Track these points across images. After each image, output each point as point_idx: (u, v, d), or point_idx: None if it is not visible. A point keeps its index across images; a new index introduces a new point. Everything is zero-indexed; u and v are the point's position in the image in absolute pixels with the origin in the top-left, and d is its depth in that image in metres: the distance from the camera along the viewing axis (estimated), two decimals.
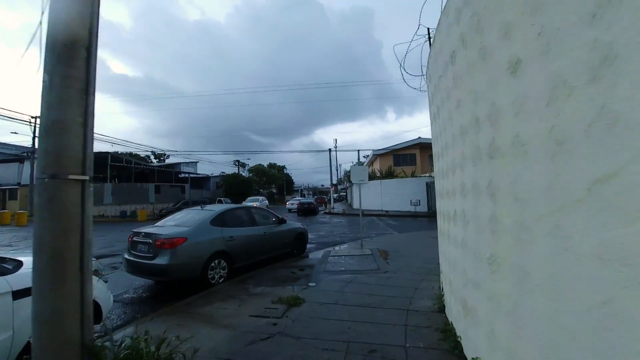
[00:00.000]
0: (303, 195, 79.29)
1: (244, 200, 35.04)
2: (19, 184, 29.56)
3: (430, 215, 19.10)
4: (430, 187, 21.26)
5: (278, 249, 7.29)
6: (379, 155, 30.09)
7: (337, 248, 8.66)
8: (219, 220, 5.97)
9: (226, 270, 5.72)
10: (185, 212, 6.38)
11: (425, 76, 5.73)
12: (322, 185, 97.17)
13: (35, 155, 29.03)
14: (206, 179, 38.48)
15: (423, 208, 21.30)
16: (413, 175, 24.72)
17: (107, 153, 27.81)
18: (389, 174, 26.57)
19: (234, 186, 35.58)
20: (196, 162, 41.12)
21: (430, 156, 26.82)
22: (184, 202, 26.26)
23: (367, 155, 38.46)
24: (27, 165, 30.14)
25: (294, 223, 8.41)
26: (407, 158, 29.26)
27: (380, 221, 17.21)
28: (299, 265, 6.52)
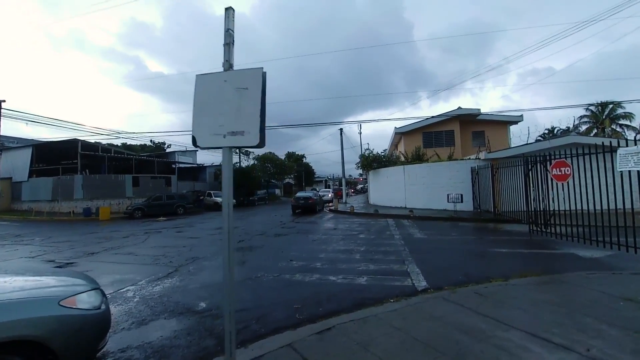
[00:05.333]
0: (328, 187, 73.09)
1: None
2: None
3: (480, 220, 12.05)
4: (478, 175, 14.08)
5: None
6: (403, 134, 22.92)
7: None
8: None
9: None
10: None
11: None
12: (350, 176, 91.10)
13: (6, 144, 25.54)
14: (201, 169, 33.76)
15: (466, 206, 14.20)
16: (451, 158, 17.48)
17: (76, 140, 23.70)
18: (417, 158, 19.50)
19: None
20: (195, 151, 36.59)
21: (477, 133, 19.25)
22: (156, 196, 21.39)
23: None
24: (4, 156, 27.28)
25: None
26: (442, 136, 21.80)
27: (397, 230, 10.61)
28: None
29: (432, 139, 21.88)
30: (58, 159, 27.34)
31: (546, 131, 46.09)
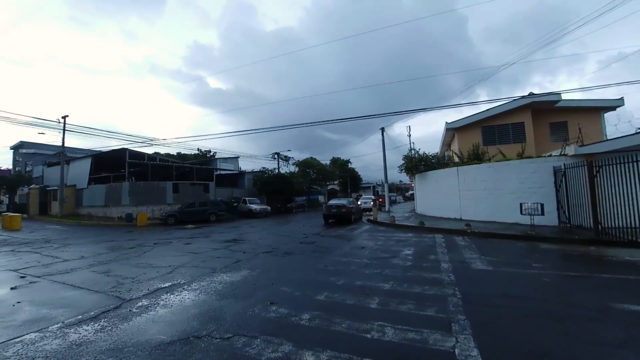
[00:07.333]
0: (376, 193, 69.18)
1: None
2: (65, 185, 29.57)
3: (573, 241, 8.49)
4: (565, 177, 10.37)
5: None
6: (457, 129, 19.22)
7: None
8: None
9: None
10: None
11: None
12: (400, 181, 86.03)
13: (71, 155, 28.37)
14: (240, 175, 33.56)
15: (549, 219, 10.53)
16: (521, 156, 13.64)
17: (124, 150, 24.93)
18: (475, 157, 15.89)
19: (269, 183, 29.47)
20: (237, 158, 36.88)
21: (556, 124, 14.44)
22: (189, 203, 21.10)
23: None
24: (71, 166, 30.21)
25: None
26: (508, 130, 17.66)
27: (447, 253, 7.79)
28: None
29: (494, 134, 17.87)
30: (112, 167, 29.38)
31: None
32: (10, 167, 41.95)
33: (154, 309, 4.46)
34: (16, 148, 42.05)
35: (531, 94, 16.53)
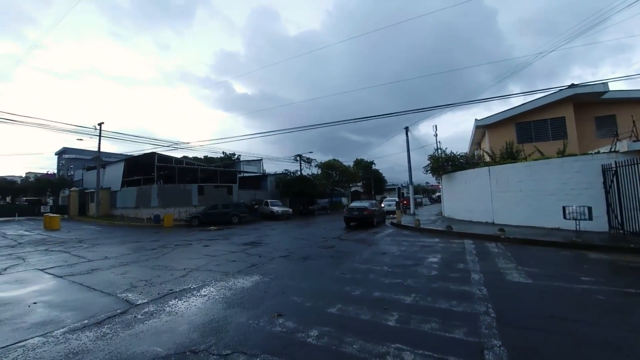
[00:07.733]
0: (402, 195, 67.19)
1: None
2: (101, 187, 31.39)
3: (628, 250, 7.38)
4: (617, 177, 9.19)
5: None
6: (488, 127, 17.93)
7: None
8: None
9: None
10: None
11: None
12: (427, 183, 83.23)
13: (106, 159, 30.06)
14: (262, 177, 33.81)
15: (597, 224, 9.37)
16: (563, 154, 12.34)
17: (153, 154, 25.96)
18: (509, 156, 14.68)
19: (291, 185, 29.41)
20: (260, 160, 37.29)
21: (602, 118, 12.60)
22: (212, 205, 21.49)
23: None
24: (106, 169, 32.05)
25: None
26: (547, 126, 16.16)
27: (478, 262, 7.07)
28: None
29: (530, 130, 16.43)
30: (143, 170, 30.78)
31: None
32: (55, 171, 45.46)
33: (158, 316, 4.27)
34: (60, 154, 45.53)
35: (573, 86, 15.02)
